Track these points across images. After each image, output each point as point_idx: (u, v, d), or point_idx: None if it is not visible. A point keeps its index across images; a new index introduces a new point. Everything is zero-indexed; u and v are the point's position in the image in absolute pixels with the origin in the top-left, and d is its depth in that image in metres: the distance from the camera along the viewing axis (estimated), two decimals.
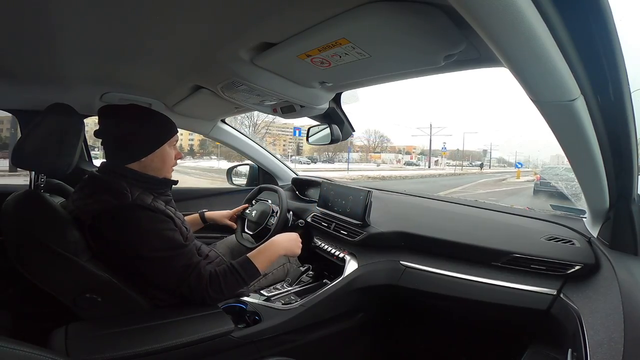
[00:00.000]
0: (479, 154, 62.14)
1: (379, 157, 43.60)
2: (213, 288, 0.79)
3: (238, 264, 0.84)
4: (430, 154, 43.10)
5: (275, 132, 41.84)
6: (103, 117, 0.84)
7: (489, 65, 0.70)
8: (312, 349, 0.96)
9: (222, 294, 0.81)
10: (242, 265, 0.84)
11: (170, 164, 0.90)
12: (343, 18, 0.55)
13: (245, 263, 0.85)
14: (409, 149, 60.59)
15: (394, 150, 58.46)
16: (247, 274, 0.84)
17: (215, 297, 0.80)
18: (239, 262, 0.85)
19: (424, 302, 1.06)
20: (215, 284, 0.79)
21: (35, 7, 0.60)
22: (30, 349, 0.42)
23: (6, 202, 0.76)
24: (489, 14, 0.36)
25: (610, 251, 0.76)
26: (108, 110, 0.84)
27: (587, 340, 0.59)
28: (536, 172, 16.98)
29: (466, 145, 62.19)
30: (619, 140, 0.58)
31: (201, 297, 0.79)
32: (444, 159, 49.61)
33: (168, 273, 0.77)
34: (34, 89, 1.15)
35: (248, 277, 0.84)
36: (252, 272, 0.85)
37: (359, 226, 1.15)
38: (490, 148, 54.29)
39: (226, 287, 0.81)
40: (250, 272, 0.85)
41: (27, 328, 0.80)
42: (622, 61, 0.44)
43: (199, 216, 1.28)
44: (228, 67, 0.84)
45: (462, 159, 46.24)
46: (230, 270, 0.82)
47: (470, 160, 57.55)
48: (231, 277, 0.82)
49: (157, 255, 0.76)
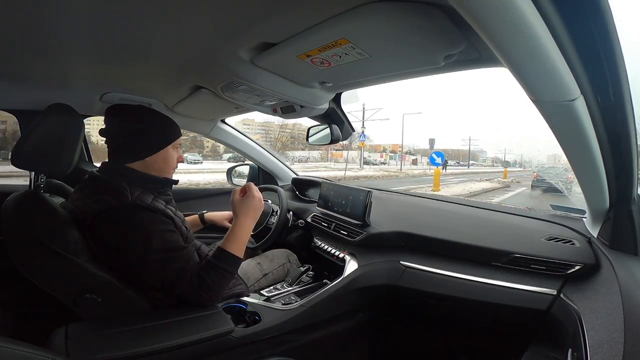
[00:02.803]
0: (475, 153, 61.79)
1: (340, 155, 39.63)
2: (203, 289, 0.78)
3: (213, 257, 0.82)
4: (402, 151, 40.18)
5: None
6: (111, 116, 0.84)
7: (489, 65, 0.70)
8: (312, 349, 0.96)
9: (214, 292, 0.80)
10: (217, 257, 0.81)
11: (172, 166, 0.90)
12: (343, 18, 0.55)
13: (219, 254, 0.82)
14: (395, 147, 57.99)
15: (379, 150, 56.02)
16: (227, 263, 0.81)
17: (209, 297, 0.79)
18: (214, 255, 0.82)
19: (424, 302, 1.06)
20: (204, 285, 0.78)
21: (35, 7, 0.60)
22: (30, 349, 0.42)
23: (6, 202, 0.76)
24: (489, 14, 0.36)
25: (610, 251, 0.76)
26: (116, 110, 0.85)
27: (587, 340, 0.59)
28: (534, 170, 16.81)
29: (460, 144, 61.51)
30: (619, 140, 0.58)
31: (196, 299, 0.79)
32: (423, 157, 47.81)
33: (162, 274, 0.77)
34: (34, 89, 1.15)
35: (228, 266, 0.81)
36: (231, 260, 0.82)
37: (359, 226, 1.15)
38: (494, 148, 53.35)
39: (214, 284, 0.79)
40: (228, 260, 0.82)
41: (27, 328, 0.80)
42: (622, 61, 0.44)
43: (198, 217, 1.28)
44: (228, 67, 0.84)
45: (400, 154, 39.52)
46: (210, 266, 0.80)
47: (459, 160, 56.34)
48: (213, 273, 0.80)
49: (155, 256, 0.75)
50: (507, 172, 23.35)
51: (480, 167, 45.04)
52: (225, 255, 0.82)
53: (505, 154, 54.59)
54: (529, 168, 46.81)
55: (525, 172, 36.15)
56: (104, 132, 0.84)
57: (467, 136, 77.45)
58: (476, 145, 57.33)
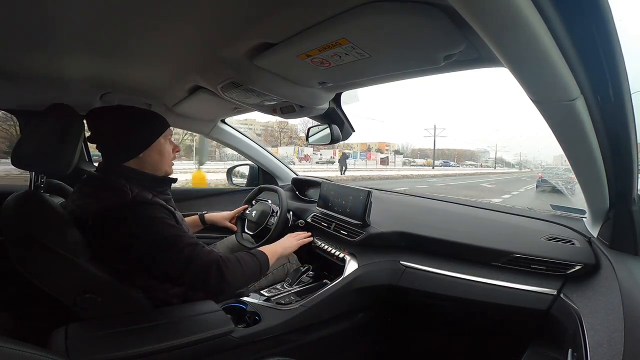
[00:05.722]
0: (477, 154, 61.22)
1: (276, 152, 38.59)
2: (230, 262, 0.78)
3: (251, 251, 0.90)
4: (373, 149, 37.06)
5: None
6: (94, 121, 0.83)
7: (489, 65, 0.70)
8: (312, 349, 0.96)
9: (242, 270, 0.81)
10: (255, 251, 0.89)
11: (169, 157, 0.90)
12: (343, 18, 0.55)
13: (257, 251, 0.90)
14: (381, 146, 56.44)
15: (364, 148, 51.88)
16: (260, 260, 0.88)
17: (232, 275, 0.77)
18: (252, 250, 0.90)
19: (424, 302, 1.06)
20: (232, 260, 0.80)
21: (35, 7, 0.60)
22: (30, 349, 0.42)
23: (6, 202, 0.76)
24: (489, 14, 0.36)
25: (610, 251, 0.76)
26: (98, 113, 0.84)
27: (587, 340, 0.59)
28: (538, 171, 16.70)
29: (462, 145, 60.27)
30: (619, 140, 0.58)
31: (217, 273, 0.75)
32: (395, 156, 45.66)
33: (175, 254, 0.74)
34: (34, 89, 1.15)
35: (262, 262, 0.88)
36: (264, 259, 0.89)
37: (359, 226, 1.15)
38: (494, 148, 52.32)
39: (246, 267, 0.82)
40: (262, 257, 0.89)
41: (27, 328, 0.80)
42: (622, 61, 0.44)
43: (198, 218, 1.28)
44: (228, 67, 0.84)
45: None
46: (246, 253, 0.86)
47: (442, 159, 53.80)
48: (248, 258, 0.85)
49: (163, 239, 0.74)
50: (494, 172, 22.24)
51: (464, 169, 41.77)
52: (261, 254, 0.90)
53: (496, 151, 53.87)
54: (525, 169, 45.88)
55: (523, 173, 35.20)
56: (93, 138, 0.84)
57: (469, 137, 75.98)
58: (481, 146, 56.43)
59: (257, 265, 0.86)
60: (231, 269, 0.78)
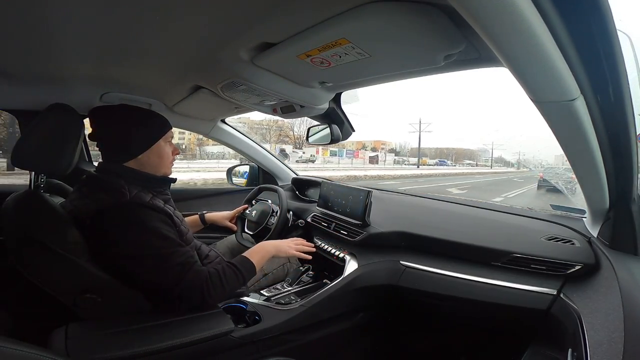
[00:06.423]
0: (477, 153, 60.90)
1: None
2: (213, 284, 0.78)
3: (235, 260, 0.87)
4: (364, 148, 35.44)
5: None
6: (97, 119, 0.83)
7: (489, 65, 0.70)
8: (312, 349, 0.96)
9: (223, 290, 0.80)
10: (239, 261, 0.87)
11: (168, 160, 0.90)
12: (343, 18, 0.55)
13: (241, 259, 0.88)
14: (376, 144, 55.21)
15: (360, 146, 50.44)
16: (245, 268, 0.86)
17: (215, 295, 0.79)
18: (236, 259, 0.88)
19: (424, 302, 1.06)
20: (215, 280, 0.79)
21: (35, 7, 0.60)
22: (30, 349, 0.42)
23: (6, 202, 0.76)
24: (489, 14, 0.36)
25: (610, 251, 0.76)
26: (98, 113, 0.83)
27: (587, 339, 0.59)
28: (537, 171, 16.42)
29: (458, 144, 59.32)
30: (619, 140, 0.58)
31: (201, 295, 0.77)
32: (386, 155, 44.70)
33: (164, 271, 0.75)
34: (34, 89, 1.15)
35: (246, 271, 0.86)
36: (249, 267, 0.88)
37: (359, 226, 1.15)
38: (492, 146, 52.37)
39: (227, 283, 0.81)
40: (247, 266, 0.87)
41: (27, 328, 0.80)
42: (622, 61, 0.44)
43: (198, 218, 1.28)
44: (228, 67, 0.84)
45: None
46: (228, 266, 0.84)
47: (439, 158, 53.19)
48: (230, 272, 0.83)
49: (154, 252, 0.74)
50: (484, 172, 20.30)
51: (449, 169, 38.46)
52: (246, 262, 0.89)
53: (492, 150, 53.48)
54: (524, 168, 45.39)
55: (520, 173, 34.60)
56: (94, 137, 0.84)
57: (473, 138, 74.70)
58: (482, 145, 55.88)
59: (240, 280, 0.85)
60: (214, 289, 0.78)
